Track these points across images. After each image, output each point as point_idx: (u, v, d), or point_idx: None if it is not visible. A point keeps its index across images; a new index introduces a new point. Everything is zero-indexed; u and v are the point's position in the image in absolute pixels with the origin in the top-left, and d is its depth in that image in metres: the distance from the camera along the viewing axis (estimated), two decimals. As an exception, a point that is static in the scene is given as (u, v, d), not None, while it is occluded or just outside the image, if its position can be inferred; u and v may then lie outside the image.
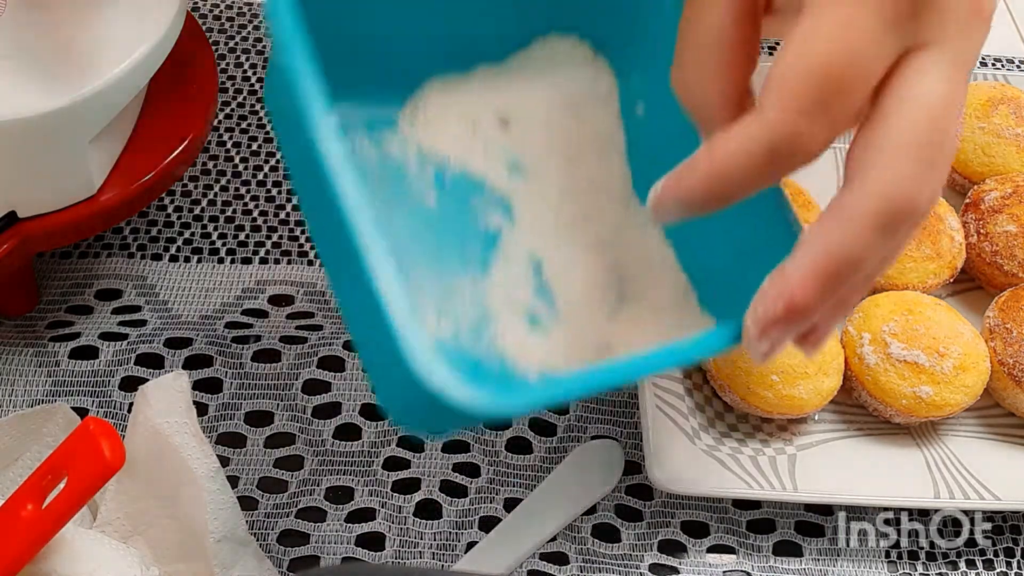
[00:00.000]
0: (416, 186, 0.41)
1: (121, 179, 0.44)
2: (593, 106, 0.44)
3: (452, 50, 0.42)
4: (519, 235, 0.42)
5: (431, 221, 0.41)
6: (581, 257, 0.42)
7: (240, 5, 0.62)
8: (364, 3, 0.39)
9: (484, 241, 0.41)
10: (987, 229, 0.52)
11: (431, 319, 0.39)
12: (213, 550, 0.38)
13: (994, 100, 0.55)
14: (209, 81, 0.48)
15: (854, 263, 0.29)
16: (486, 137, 0.43)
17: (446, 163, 0.42)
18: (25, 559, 0.33)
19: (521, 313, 0.40)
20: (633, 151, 0.43)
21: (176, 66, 0.46)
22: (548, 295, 0.41)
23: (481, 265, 0.41)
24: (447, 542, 0.44)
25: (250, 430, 0.46)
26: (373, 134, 0.41)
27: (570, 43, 0.44)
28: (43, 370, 0.47)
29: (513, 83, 0.44)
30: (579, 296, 0.41)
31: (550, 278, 0.41)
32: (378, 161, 0.41)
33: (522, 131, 0.43)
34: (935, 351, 0.46)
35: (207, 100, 0.47)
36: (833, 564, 0.45)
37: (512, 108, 0.44)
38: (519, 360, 0.39)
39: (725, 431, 0.47)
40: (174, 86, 0.47)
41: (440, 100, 0.43)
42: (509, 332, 0.39)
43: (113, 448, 0.33)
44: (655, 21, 0.36)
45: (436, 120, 0.42)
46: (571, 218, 0.42)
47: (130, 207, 0.44)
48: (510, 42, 0.43)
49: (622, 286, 0.42)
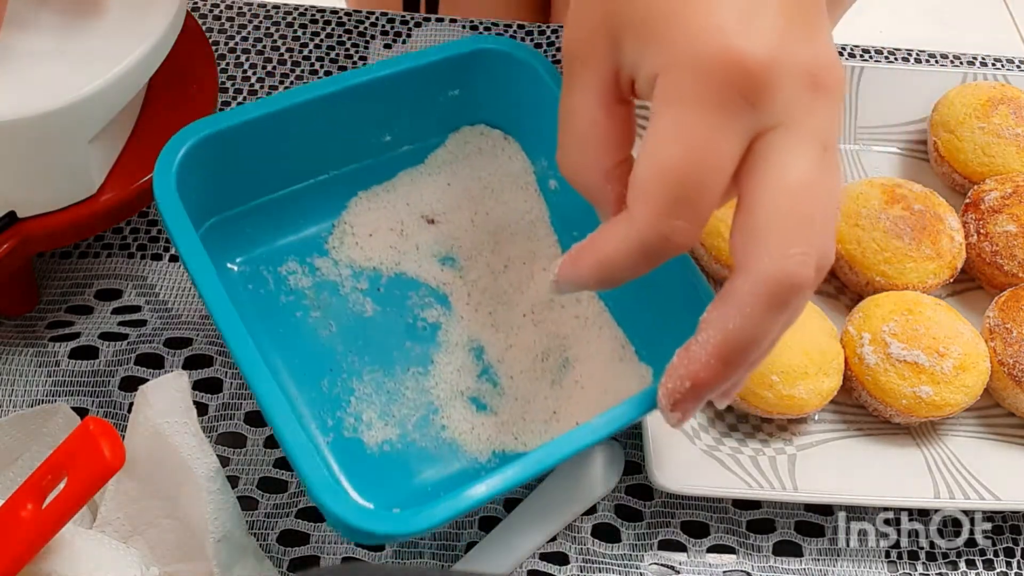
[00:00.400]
0: (353, 299, 0.44)
1: (121, 179, 0.44)
2: (512, 187, 0.47)
3: (372, 166, 0.46)
4: (458, 324, 0.45)
5: (372, 329, 0.44)
6: (520, 332, 0.45)
7: (240, 5, 0.62)
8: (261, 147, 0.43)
9: (425, 336, 0.44)
10: (987, 229, 0.52)
11: (378, 425, 0.42)
12: (213, 550, 0.38)
13: (994, 100, 0.55)
14: (209, 81, 0.48)
15: (752, 342, 0.31)
16: (415, 238, 0.46)
17: (379, 272, 0.45)
18: (25, 559, 0.33)
19: (466, 399, 0.43)
20: (556, 219, 0.47)
21: (176, 66, 0.46)
22: (492, 376, 0.44)
23: (424, 360, 0.44)
24: (447, 542, 0.44)
25: (250, 430, 0.46)
26: (307, 261, 0.45)
27: (479, 131, 0.48)
28: (43, 370, 0.47)
29: (434, 181, 0.47)
30: (524, 370, 0.44)
31: (492, 360, 0.44)
32: (312, 285, 0.45)
33: (448, 225, 0.47)
34: (935, 351, 0.46)
35: (207, 100, 0.47)
36: (833, 564, 0.45)
37: (436, 205, 0.47)
38: (468, 445, 0.42)
39: (725, 431, 0.47)
40: (174, 86, 0.47)
41: (367, 215, 0.46)
42: (455, 420, 0.43)
43: (113, 448, 0.33)
44: (548, 111, 0.38)
45: (364, 236, 0.46)
46: (506, 296, 0.45)
47: (130, 207, 0.44)
48: (426, 143, 0.48)
49: (564, 349, 0.44)
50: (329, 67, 0.60)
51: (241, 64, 0.59)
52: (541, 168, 0.47)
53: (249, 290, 0.44)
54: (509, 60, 0.45)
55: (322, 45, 0.61)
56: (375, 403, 0.43)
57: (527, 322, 0.45)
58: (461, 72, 0.45)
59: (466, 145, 0.48)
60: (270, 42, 0.60)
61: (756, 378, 0.45)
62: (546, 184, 0.47)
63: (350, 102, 0.44)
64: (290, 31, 0.61)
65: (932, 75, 0.60)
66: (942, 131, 0.56)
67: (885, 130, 0.59)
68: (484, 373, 0.44)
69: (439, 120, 0.47)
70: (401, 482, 0.41)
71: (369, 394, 0.43)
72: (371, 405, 0.43)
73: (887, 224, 0.50)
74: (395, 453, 0.42)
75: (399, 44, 0.61)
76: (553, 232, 0.47)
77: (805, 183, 0.31)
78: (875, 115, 0.59)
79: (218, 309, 0.36)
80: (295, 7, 0.62)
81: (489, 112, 0.47)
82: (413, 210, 0.47)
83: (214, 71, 0.48)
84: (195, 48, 0.48)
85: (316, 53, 0.60)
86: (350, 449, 0.42)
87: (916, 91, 0.59)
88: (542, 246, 0.47)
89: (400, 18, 0.62)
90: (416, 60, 0.44)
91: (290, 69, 0.59)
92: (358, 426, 0.42)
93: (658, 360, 0.41)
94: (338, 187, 0.46)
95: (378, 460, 0.42)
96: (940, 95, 0.57)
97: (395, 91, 0.44)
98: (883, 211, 0.51)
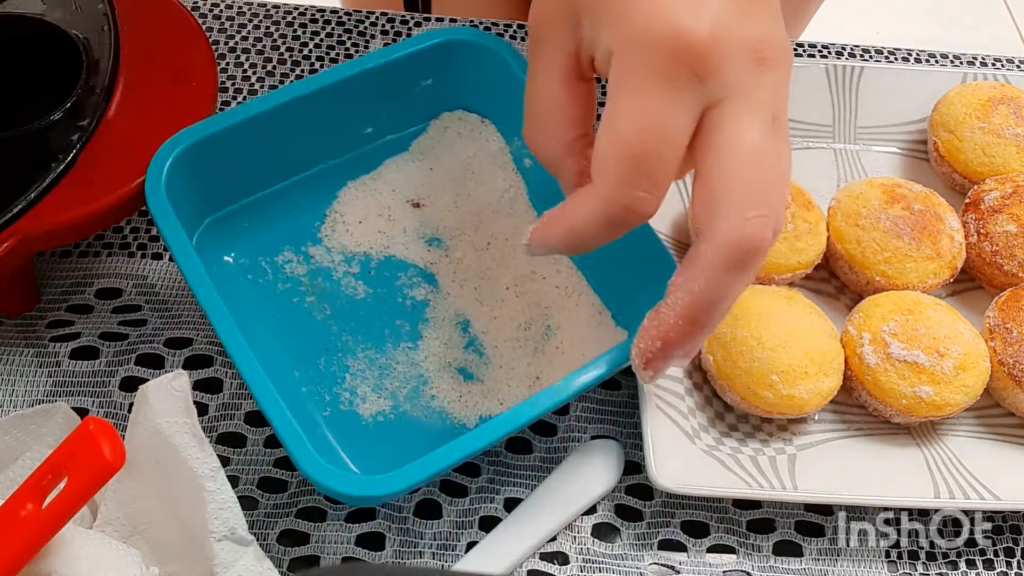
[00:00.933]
0: (345, 283, 0.47)
1: (120, 179, 0.44)
2: (491, 167, 0.51)
3: (359, 157, 0.50)
4: (445, 300, 0.48)
5: (364, 310, 0.47)
6: (504, 304, 0.48)
7: (240, 5, 0.62)
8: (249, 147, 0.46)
9: (414, 314, 0.47)
10: (987, 229, 0.52)
11: (371, 398, 0.45)
12: (213, 550, 0.38)
13: (994, 100, 0.55)
14: (209, 80, 0.48)
15: (717, 302, 0.34)
16: (402, 222, 0.50)
17: (369, 256, 0.49)
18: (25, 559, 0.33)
19: (453, 369, 0.46)
20: (533, 195, 0.50)
21: (175, 65, 0.46)
22: (478, 347, 0.47)
23: (414, 336, 0.47)
24: (447, 542, 0.44)
25: (250, 430, 0.46)
26: (302, 250, 0.48)
27: (458, 116, 0.51)
28: (43, 370, 0.47)
29: (418, 167, 0.51)
30: (507, 339, 0.47)
31: (478, 331, 0.47)
32: (307, 272, 0.48)
33: (433, 208, 0.50)
34: (935, 351, 0.46)
35: (206, 98, 0.47)
36: (833, 564, 0.45)
37: (421, 189, 0.50)
38: (456, 412, 0.45)
39: (725, 431, 0.47)
40: (173, 86, 0.47)
41: (355, 204, 0.50)
42: (443, 389, 0.46)
43: (113, 448, 0.33)
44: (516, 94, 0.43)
45: (354, 223, 0.49)
46: (490, 271, 0.49)
47: (128, 207, 0.44)
48: (409, 131, 0.51)
49: (546, 318, 0.47)
50: (329, 66, 0.60)
51: (241, 64, 0.59)
52: (516, 147, 0.51)
53: (248, 280, 0.47)
54: (476, 49, 0.48)
55: (322, 44, 0.61)
56: (368, 378, 0.46)
57: (510, 295, 0.48)
58: (431, 62, 0.49)
59: (446, 130, 0.51)
60: (270, 41, 0.60)
61: (756, 378, 0.45)
62: (521, 162, 0.50)
63: (329, 99, 0.47)
64: (290, 30, 0.61)
65: (932, 75, 0.60)
66: (942, 131, 0.56)
67: (885, 130, 0.59)
68: (470, 345, 0.47)
69: (419, 108, 0.50)
70: (395, 450, 0.44)
71: (363, 370, 0.46)
72: (365, 380, 0.46)
73: (887, 224, 0.50)
74: (388, 423, 0.45)
75: (399, 44, 0.61)
76: (532, 208, 0.50)
77: (756, 150, 0.33)
78: (875, 115, 0.59)
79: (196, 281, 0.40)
80: (295, 7, 0.62)
81: (465, 98, 0.50)
82: (399, 196, 0.50)
83: (213, 70, 0.48)
84: (194, 47, 0.48)
85: (316, 53, 0.60)
86: (346, 422, 0.45)
87: (916, 91, 0.59)
88: (522, 222, 0.50)
89: (400, 18, 0.62)
90: (387, 55, 0.47)
91: (290, 69, 0.59)
92: (353, 400, 0.45)
93: (632, 323, 0.44)
94: (328, 179, 0.49)
95: (372, 431, 0.44)
96: (940, 95, 0.57)
97: (370, 85, 0.47)
98: (883, 211, 0.51)
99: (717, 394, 0.48)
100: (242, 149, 0.46)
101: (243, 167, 0.47)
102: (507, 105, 0.48)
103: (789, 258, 0.50)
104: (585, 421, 0.47)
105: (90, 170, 0.44)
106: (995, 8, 1.81)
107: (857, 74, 0.58)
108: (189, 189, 0.44)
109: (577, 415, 0.48)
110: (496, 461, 0.46)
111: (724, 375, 0.46)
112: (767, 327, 0.46)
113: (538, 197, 0.50)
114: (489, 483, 0.46)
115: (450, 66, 0.49)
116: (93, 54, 0.46)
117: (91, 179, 0.44)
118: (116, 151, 0.45)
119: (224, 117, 0.45)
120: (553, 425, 0.47)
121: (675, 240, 0.53)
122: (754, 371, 0.45)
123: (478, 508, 0.45)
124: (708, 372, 0.48)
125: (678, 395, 0.47)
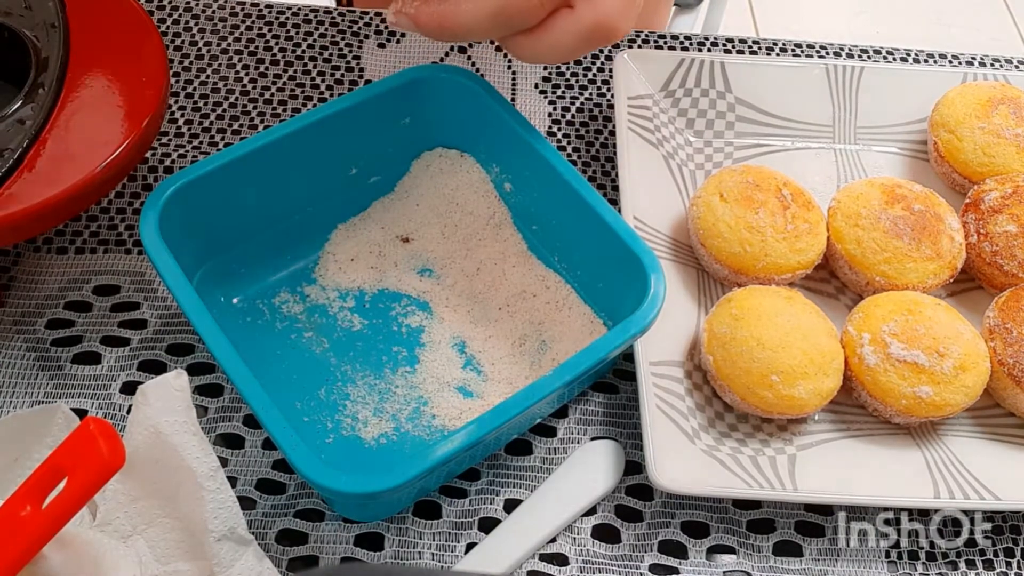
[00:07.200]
0: (341, 317, 0.49)
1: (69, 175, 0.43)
2: (474, 196, 0.52)
3: (347, 200, 0.51)
4: (440, 325, 0.49)
5: (361, 340, 0.48)
6: (498, 324, 0.49)
7: (233, 5, 0.62)
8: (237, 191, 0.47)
9: (411, 340, 0.48)
10: (987, 229, 0.52)
11: (372, 422, 0.46)
12: (213, 549, 0.38)
13: (994, 100, 0.55)
14: (159, 76, 0.47)
15: (546, 59, 0.42)
16: (393, 256, 0.51)
17: (363, 290, 0.50)
18: (25, 559, 0.33)
19: (452, 388, 0.47)
20: (518, 219, 0.51)
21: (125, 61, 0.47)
22: (476, 365, 0.48)
23: (411, 361, 0.48)
24: (447, 542, 0.44)
25: (249, 432, 0.46)
26: (297, 290, 0.49)
27: (438, 154, 0.53)
28: (45, 374, 0.47)
29: (404, 204, 0.52)
30: (504, 356, 0.48)
31: (474, 351, 0.48)
32: (304, 310, 0.49)
33: (422, 241, 0.51)
34: (935, 351, 0.46)
35: (156, 94, 0.47)
36: (833, 564, 0.45)
37: (408, 225, 0.52)
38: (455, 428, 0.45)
39: (725, 431, 0.47)
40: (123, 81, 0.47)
41: (347, 244, 0.51)
42: (444, 408, 0.46)
43: (113, 448, 0.33)
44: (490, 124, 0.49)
45: (346, 261, 0.50)
46: (482, 295, 0.50)
47: (79, 203, 0.44)
48: (392, 173, 0.52)
49: (540, 333, 0.48)
50: (322, 67, 0.60)
51: (234, 65, 0.59)
52: (495, 174, 0.52)
53: (247, 322, 0.48)
54: (449, 84, 0.50)
55: (315, 45, 0.61)
56: (369, 403, 0.46)
57: (503, 314, 0.49)
58: (406, 100, 0.50)
59: (428, 168, 0.53)
60: (263, 42, 0.60)
61: (756, 378, 0.45)
62: (502, 188, 0.51)
63: (311, 138, 0.47)
64: (283, 31, 0.61)
65: (932, 75, 0.60)
66: (942, 131, 0.56)
67: (885, 130, 0.59)
68: (468, 364, 0.47)
69: (400, 149, 0.52)
70: None
71: (363, 396, 0.46)
72: (365, 405, 0.46)
73: (887, 224, 0.50)
74: (391, 444, 0.45)
75: (392, 44, 0.61)
76: (517, 231, 0.51)
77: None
78: (875, 115, 0.59)
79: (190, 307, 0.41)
80: (288, 7, 0.62)
81: (443, 134, 0.52)
82: (388, 233, 0.51)
83: (164, 67, 0.48)
84: (145, 44, 0.48)
85: (309, 53, 0.60)
86: (350, 446, 0.45)
87: (916, 91, 0.59)
88: (509, 245, 0.51)
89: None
90: (362, 95, 0.48)
91: (283, 69, 0.59)
92: (355, 424, 0.45)
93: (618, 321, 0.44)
94: (319, 223, 0.51)
95: (376, 453, 0.45)
96: (940, 95, 0.57)
97: (349, 125, 0.48)
98: (883, 211, 0.51)
99: (717, 394, 0.48)
100: (231, 193, 0.46)
101: (233, 212, 0.47)
102: (483, 135, 0.50)
103: (789, 258, 0.50)
104: (585, 422, 0.47)
105: (38, 167, 0.43)
106: (995, 8, 1.81)
107: (857, 74, 0.58)
108: (182, 235, 0.44)
109: (577, 417, 0.48)
110: (496, 462, 0.46)
111: (724, 375, 0.46)
112: (767, 327, 0.46)
113: (522, 220, 0.51)
114: (489, 484, 0.46)
115: (425, 103, 0.50)
116: (42, 52, 0.46)
117: (39, 176, 0.43)
118: (65, 148, 0.44)
119: (212, 160, 0.45)
120: (553, 427, 0.47)
121: (675, 240, 0.53)
122: (754, 371, 0.45)
123: (478, 509, 0.45)
124: (708, 372, 0.48)
125: (678, 395, 0.47)
